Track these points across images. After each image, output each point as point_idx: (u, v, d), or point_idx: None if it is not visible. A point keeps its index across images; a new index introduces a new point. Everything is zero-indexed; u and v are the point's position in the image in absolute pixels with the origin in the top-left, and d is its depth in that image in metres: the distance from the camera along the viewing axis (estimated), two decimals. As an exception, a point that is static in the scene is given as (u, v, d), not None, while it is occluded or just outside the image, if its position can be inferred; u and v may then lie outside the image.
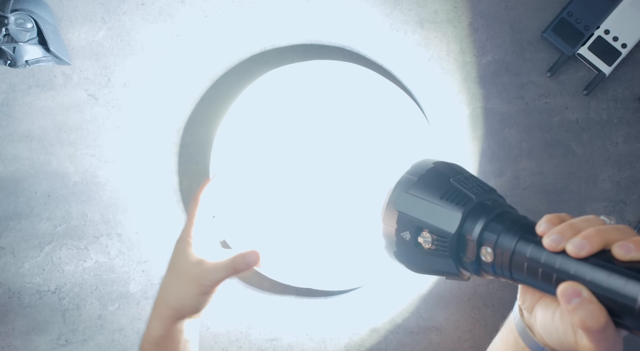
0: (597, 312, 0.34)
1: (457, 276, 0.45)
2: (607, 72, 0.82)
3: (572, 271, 0.36)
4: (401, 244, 0.46)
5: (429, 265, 0.45)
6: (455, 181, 0.45)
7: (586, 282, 0.35)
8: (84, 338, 0.80)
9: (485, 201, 0.44)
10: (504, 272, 0.41)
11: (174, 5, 0.79)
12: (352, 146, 0.79)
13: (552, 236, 0.37)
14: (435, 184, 0.45)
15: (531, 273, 0.39)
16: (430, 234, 0.44)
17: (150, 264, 0.80)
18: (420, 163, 0.48)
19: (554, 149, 0.85)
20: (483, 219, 0.42)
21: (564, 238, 0.37)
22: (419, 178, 0.46)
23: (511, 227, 0.41)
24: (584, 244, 0.36)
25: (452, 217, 0.43)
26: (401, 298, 0.84)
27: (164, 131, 0.80)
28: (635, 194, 0.86)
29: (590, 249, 0.36)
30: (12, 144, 0.77)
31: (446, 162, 0.48)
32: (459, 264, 0.44)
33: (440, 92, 0.83)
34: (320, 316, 0.83)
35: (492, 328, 0.86)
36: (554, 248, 0.37)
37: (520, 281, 0.41)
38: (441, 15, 0.83)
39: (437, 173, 0.46)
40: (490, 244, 0.41)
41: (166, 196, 0.80)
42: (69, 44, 0.77)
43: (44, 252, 0.78)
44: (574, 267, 0.36)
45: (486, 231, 0.42)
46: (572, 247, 0.36)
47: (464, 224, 0.43)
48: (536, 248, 0.38)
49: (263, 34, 0.81)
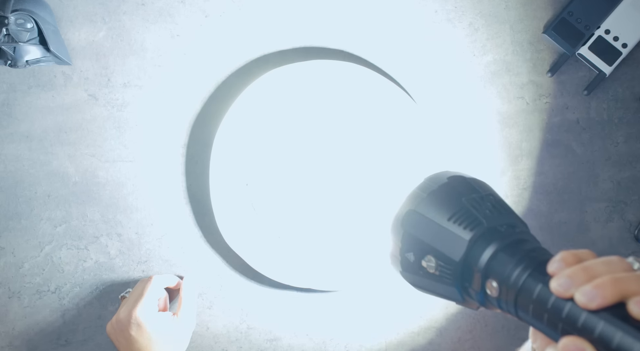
0: None
1: (464, 304, 0.42)
2: (608, 72, 0.82)
3: (579, 324, 0.32)
4: (405, 264, 0.43)
5: (433, 289, 0.42)
6: (468, 201, 0.41)
7: (593, 339, 0.31)
8: (84, 338, 0.80)
9: (498, 227, 0.39)
10: (510, 309, 0.37)
11: (174, 5, 0.79)
12: (353, 146, 0.79)
13: (560, 280, 0.33)
14: (444, 203, 0.41)
15: (537, 316, 0.35)
16: (435, 259, 0.40)
17: (150, 264, 0.80)
18: (434, 177, 0.44)
19: (554, 149, 0.85)
20: (492, 247, 0.38)
21: (574, 284, 0.32)
22: (429, 194, 0.42)
23: (521, 261, 0.37)
24: (594, 295, 0.31)
25: (458, 243, 0.39)
26: (402, 298, 0.84)
27: (164, 130, 0.80)
28: (636, 194, 0.86)
29: (601, 301, 0.31)
30: (12, 144, 0.77)
31: (463, 177, 0.44)
32: (464, 294, 0.41)
33: (440, 92, 0.83)
34: (320, 316, 0.83)
35: (493, 328, 0.86)
36: (561, 294, 0.33)
37: (527, 322, 0.37)
38: (441, 15, 0.83)
39: (450, 190, 0.42)
40: (496, 277, 0.37)
41: (166, 196, 0.80)
42: (69, 44, 0.77)
43: (44, 252, 0.78)
44: (582, 319, 0.32)
45: (493, 262, 0.38)
46: (580, 296, 0.32)
47: (471, 251, 0.39)
48: (544, 289, 0.34)
49: (263, 34, 0.81)
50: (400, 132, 0.80)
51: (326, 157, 0.79)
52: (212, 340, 0.82)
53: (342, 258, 0.81)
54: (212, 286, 0.81)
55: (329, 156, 0.79)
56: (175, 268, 0.80)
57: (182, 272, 0.81)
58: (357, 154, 0.79)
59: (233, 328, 0.82)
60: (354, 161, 0.79)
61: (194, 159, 0.80)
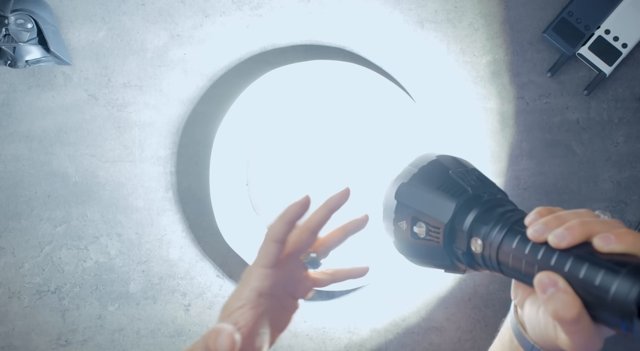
0: (570, 302, 0.34)
1: (452, 268, 0.45)
2: (608, 72, 0.82)
3: (552, 262, 0.36)
4: (398, 233, 0.47)
5: (424, 255, 0.45)
6: (455, 174, 0.45)
7: (564, 273, 0.35)
8: (83, 338, 0.80)
9: (482, 194, 0.44)
10: (492, 264, 0.41)
11: (174, 5, 0.79)
12: (352, 145, 0.79)
13: (536, 227, 0.37)
14: (434, 176, 0.46)
15: (516, 265, 0.38)
16: (425, 224, 0.44)
17: (150, 264, 0.80)
18: (423, 156, 0.49)
19: (554, 149, 0.85)
20: (475, 210, 0.42)
21: (547, 229, 0.36)
22: (420, 169, 0.47)
23: (501, 218, 0.41)
24: (564, 235, 0.35)
25: (446, 207, 0.43)
26: (402, 298, 0.84)
27: (164, 131, 0.80)
28: (636, 194, 0.86)
29: (571, 240, 0.35)
30: (12, 144, 0.77)
31: (450, 156, 0.49)
32: (452, 256, 0.44)
33: (440, 92, 0.83)
34: (320, 316, 0.83)
35: (493, 328, 0.86)
36: (536, 238, 0.37)
37: (507, 274, 0.40)
38: (441, 15, 0.83)
39: (438, 165, 0.47)
40: (480, 235, 0.41)
41: (166, 196, 0.80)
42: (69, 44, 0.77)
43: (44, 252, 0.78)
44: (554, 258, 0.36)
45: (477, 222, 0.42)
46: (552, 237, 0.36)
47: (457, 215, 0.43)
48: (522, 239, 0.38)
49: (263, 34, 0.81)
50: (400, 131, 0.80)
51: (326, 157, 0.79)
52: (212, 340, 0.82)
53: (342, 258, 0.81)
54: (212, 286, 0.81)
55: (329, 155, 0.79)
56: (175, 268, 0.80)
57: (182, 272, 0.80)
58: (357, 154, 0.79)
59: (233, 328, 0.82)
60: (354, 161, 0.79)
61: (194, 159, 0.80)
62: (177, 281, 0.81)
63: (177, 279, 0.81)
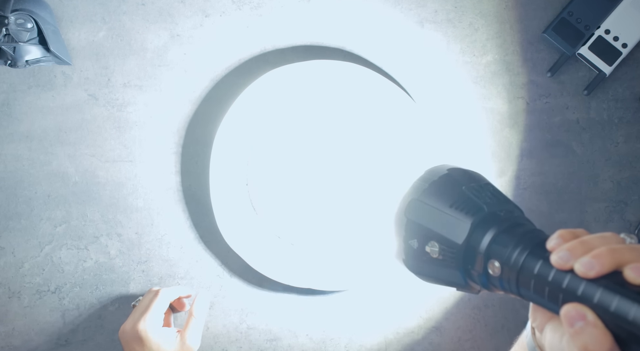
0: (601, 338, 0.32)
1: (466, 288, 0.43)
2: (608, 72, 0.82)
3: (579, 292, 0.34)
4: (409, 252, 0.44)
5: (436, 275, 0.43)
6: (468, 190, 0.43)
7: (593, 305, 0.33)
8: (84, 338, 0.80)
9: (498, 212, 0.41)
10: (512, 288, 0.39)
11: (174, 5, 0.79)
12: (353, 146, 0.79)
13: (560, 253, 0.35)
14: (446, 192, 0.43)
15: (538, 291, 0.36)
16: (439, 243, 0.42)
17: (150, 264, 0.80)
18: (434, 169, 0.46)
19: (554, 149, 0.85)
20: (492, 230, 0.40)
21: (573, 256, 0.34)
22: (430, 184, 0.44)
23: (521, 240, 0.39)
24: (592, 264, 0.33)
25: (461, 227, 0.41)
26: (401, 298, 0.84)
27: (164, 131, 0.80)
28: (636, 194, 0.86)
29: (599, 269, 0.33)
30: (12, 144, 0.77)
31: (462, 169, 0.46)
32: (467, 277, 0.42)
33: (440, 92, 0.83)
34: (320, 317, 0.83)
35: (493, 328, 0.86)
36: (561, 265, 0.35)
37: (528, 299, 0.38)
38: (441, 15, 0.83)
39: (450, 180, 0.44)
40: (498, 257, 0.39)
41: (166, 196, 0.80)
42: (69, 44, 0.77)
43: (44, 252, 0.78)
44: (581, 288, 0.34)
45: (494, 244, 0.40)
46: (580, 266, 0.34)
47: (473, 234, 0.41)
48: (545, 264, 0.36)
49: (263, 34, 0.81)
50: (400, 132, 0.80)
51: (326, 157, 0.79)
52: (212, 340, 0.82)
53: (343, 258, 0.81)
54: (212, 286, 0.81)
55: (329, 156, 0.79)
56: (175, 268, 0.80)
57: (182, 272, 0.81)
58: (357, 154, 0.79)
59: (233, 328, 0.82)
60: (354, 161, 0.79)
61: (194, 159, 0.80)
62: (177, 281, 0.81)
63: (177, 279, 0.81)
